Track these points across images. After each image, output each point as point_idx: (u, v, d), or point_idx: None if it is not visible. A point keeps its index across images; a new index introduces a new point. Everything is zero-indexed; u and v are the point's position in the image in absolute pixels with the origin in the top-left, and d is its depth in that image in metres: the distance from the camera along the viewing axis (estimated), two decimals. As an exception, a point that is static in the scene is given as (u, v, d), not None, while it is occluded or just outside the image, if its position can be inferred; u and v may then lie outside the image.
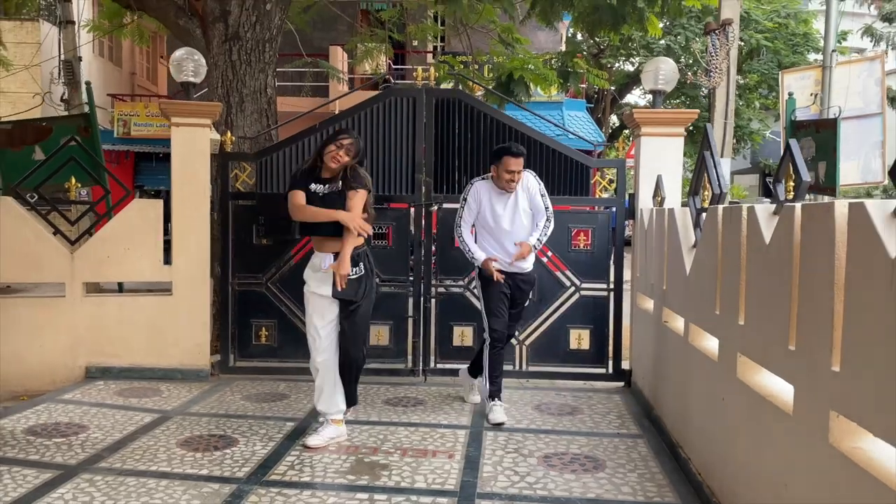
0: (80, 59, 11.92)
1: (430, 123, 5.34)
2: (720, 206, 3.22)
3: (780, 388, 2.53)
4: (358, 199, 3.86)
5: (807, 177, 2.46)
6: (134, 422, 4.24)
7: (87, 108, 8.31)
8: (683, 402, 3.78)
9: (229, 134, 5.51)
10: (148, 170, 14.04)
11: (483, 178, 4.53)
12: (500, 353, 4.47)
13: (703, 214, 3.67)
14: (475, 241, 4.49)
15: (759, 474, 2.61)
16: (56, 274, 5.08)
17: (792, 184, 2.54)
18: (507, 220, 4.40)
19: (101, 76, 15.18)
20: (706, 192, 3.70)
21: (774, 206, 2.65)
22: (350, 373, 3.99)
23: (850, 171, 7.02)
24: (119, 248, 5.13)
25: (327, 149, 3.87)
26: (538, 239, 4.45)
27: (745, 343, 2.80)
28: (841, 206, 2.02)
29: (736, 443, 2.89)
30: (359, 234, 3.83)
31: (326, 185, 3.90)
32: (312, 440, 3.87)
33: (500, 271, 4.38)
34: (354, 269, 3.84)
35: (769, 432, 2.52)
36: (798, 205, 2.33)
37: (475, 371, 4.67)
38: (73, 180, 5.27)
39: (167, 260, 5.24)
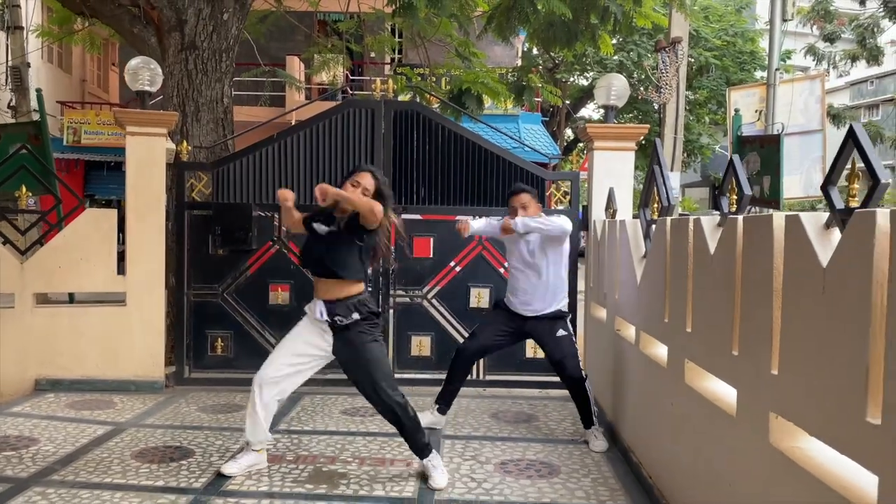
0: (28, 65, 11.67)
1: (389, 135, 5.40)
2: (668, 218, 3.35)
3: (724, 392, 2.64)
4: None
5: (748, 190, 2.59)
6: (86, 434, 4.17)
7: (36, 116, 8.14)
8: (635, 408, 3.90)
9: (185, 143, 5.48)
10: (98, 179, 13.74)
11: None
12: (460, 365, 4.44)
13: (653, 226, 3.80)
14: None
15: (706, 475, 2.71)
16: (5, 285, 4.97)
17: (735, 197, 2.67)
18: (520, 274, 4.28)
19: (51, 83, 14.84)
20: (656, 205, 3.83)
21: (719, 218, 2.77)
22: (395, 417, 3.53)
23: (793, 185, 7.31)
24: (72, 259, 5.05)
25: (343, 186, 3.44)
26: (524, 221, 4.14)
27: (692, 349, 2.92)
28: (778, 218, 2.14)
29: (684, 445, 3.00)
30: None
31: (329, 223, 3.50)
32: (229, 468, 3.56)
33: (510, 311, 4.33)
34: (344, 319, 3.43)
35: (715, 434, 2.63)
36: (740, 217, 2.45)
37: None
38: (24, 189, 5.16)
39: (121, 270, 5.18)
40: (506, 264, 5.38)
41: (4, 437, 4.08)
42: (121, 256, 5.21)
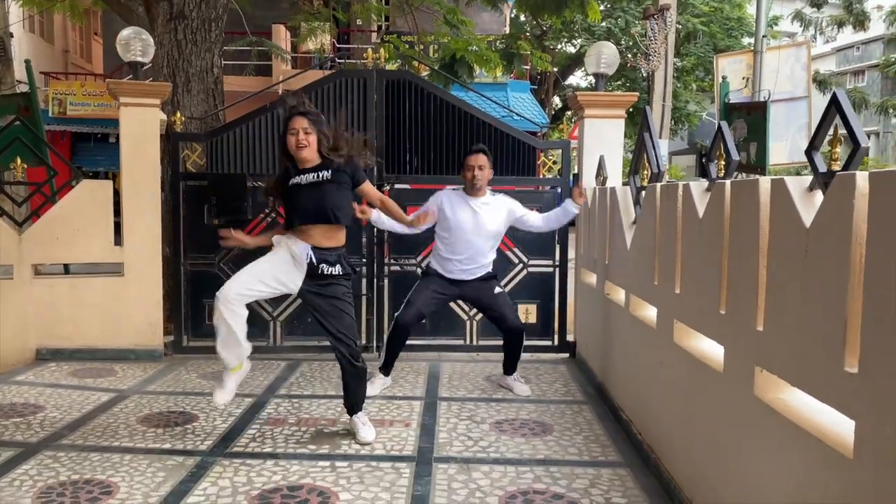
0: (11, 35, 11.52)
1: (381, 104, 5.44)
2: (658, 185, 3.44)
3: (712, 350, 2.77)
4: (369, 187, 3.71)
5: (736, 156, 2.69)
6: (91, 401, 4.27)
7: (22, 88, 8.09)
8: (625, 369, 4.04)
9: (178, 114, 5.50)
10: (85, 150, 13.65)
11: (455, 189, 4.61)
12: (398, 337, 4.53)
13: (643, 192, 3.90)
14: (436, 249, 4.56)
15: (693, 428, 2.85)
16: (3, 256, 5.01)
17: (723, 162, 2.76)
18: (468, 235, 4.40)
19: (33, 53, 14.64)
20: (645, 172, 3.93)
21: (707, 183, 2.87)
22: (353, 371, 3.63)
23: (779, 151, 7.42)
24: (69, 230, 5.09)
25: (288, 144, 3.49)
26: (548, 218, 4.68)
27: (681, 310, 3.03)
28: (764, 182, 2.24)
29: (672, 402, 3.13)
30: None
31: (310, 174, 3.51)
32: (221, 397, 3.61)
33: (445, 278, 4.47)
34: (331, 269, 3.53)
35: (702, 390, 2.76)
36: (728, 181, 2.55)
37: None
38: (19, 161, 5.18)
39: (118, 241, 5.23)
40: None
41: (11, 404, 4.17)
42: (116, 228, 5.26)
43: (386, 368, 4.62)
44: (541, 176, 5.60)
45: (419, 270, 5.54)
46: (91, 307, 5.19)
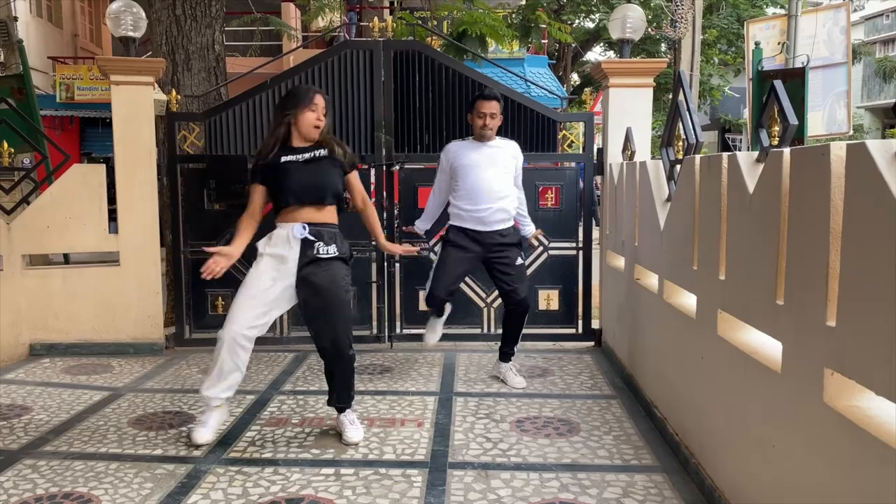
0: (15, 18, 11.26)
1: (389, 78, 5.07)
2: (697, 156, 3.06)
3: (765, 345, 2.40)
4: (357, 179, 3.49)
5: (794, 120, 2.30)
6: (82, 401, 3.99)
7: (36, 71, 7.82)
8: (658, 361, 3.68)
9: (174, 93, 5.17)
10: (94, 136, 13.40)
11: (461, 139, 4.26)
12: (436, 308, 4.30)
13: (678, 166, 3.51)
14: (453, 202, 4.20)
15: (743, 434, 2.49)
16: (-9, 246, 4.75)
17: (777, 129, 2.37)
18: (483, 172, 4.04)
19: (41, 38, 14.40)
20: (680, 143, 3.54)
21: (757, 153, 2.49)
22: (341, 363, 3.36)
23: (815, 122, 6.94)
24: (60, 217, 4.80)
25: (303, 117, 3.25)
26: (528, 220, 4.40)
27: (727, 298, 2.66)
28: (837, 149, 1.86)
29: (717, 402, 2.77)
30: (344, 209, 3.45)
31: (306, 153, 3.30)
32: (201, 436, 3.31)
33: (472, 234, 4.12)
34: (327, 249, 3.25)
35: (754, 391, 2.40)
36: (786, 150, 2.17)
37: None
38: (6, 145, 4.88)
39: (113, 229, 4.94)
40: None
41: (-4, 405, 3.91)
42: (112, 215, 4.97)
43: (437, 313, 4.35)
44: (561, 151, 5.21)
45: (432, 255, 5.20)
46: (86, 299, 4.91)
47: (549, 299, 5.21)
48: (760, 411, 2.35)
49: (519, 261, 4.21)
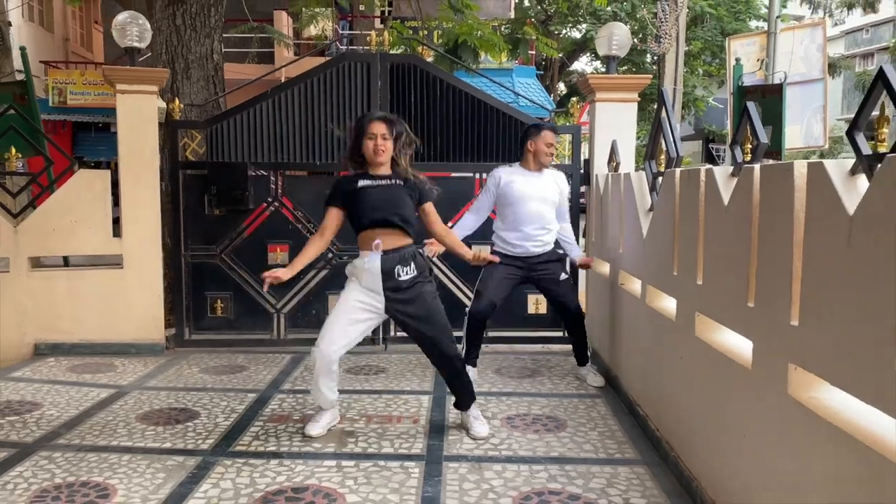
0: (9, 23, 11.34)
1: (386, 90, 5.27)
2: (678, 169, 3.28)
3: (738, 345, 2.62)
4: (432, 209, 3.56)
5: (765, 139, 2.52)
6: (89, 398, 4.14)
7: (20, 76, 7.91)
8: (640, 362, 3.89)
9: (177, 101, 5.34)
10: (87, 140, 13.51)
11: (508, 165, 4.49)
12: (475, 328, 4.46)
13: (660, 178, 3.74)
14: (498, 229, 4.45)
15: (717, 427, 2.71)
16: (-1, 248, 4.89)
17: (750, 146, 2.60)
18: (530, 204, 4.28)
19: (32, 42, 14.46)
20: (662, 156, 3.76)
21: (732, 168, 2.71)
22: (454, 368, 3.57)
23: (794, 135, 7.22)
24: (65, 221, 4.96)
25: (364, 146, 3.40)
26: (575, 245, 4.63)
27: (704, 302, 2.88)
28: (800, 166, 2.08)
29: (694, 398, 2.99)
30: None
31: (382, 180, 3.43)
32: (312, 429, 3.57)
33: (514, 256, 4.35)
34: (405, 269, 3.40)
35: (728, 387, 2.61)
36: (757, 166, 2.39)
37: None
38: (14, 150, 5.03)
39: (116, 233, 5.09)
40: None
41: (7, 402, 4.05)
42: (116, 219, 5.12)
43: (471, 359, 4.49)
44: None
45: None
46: (90, 300, 5.06)
47: (537, 304, 5.42)
48: (733, 405, 2.56)
49: (563, 276, 4.47)
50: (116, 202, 5.06)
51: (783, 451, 2.18)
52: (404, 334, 5.32)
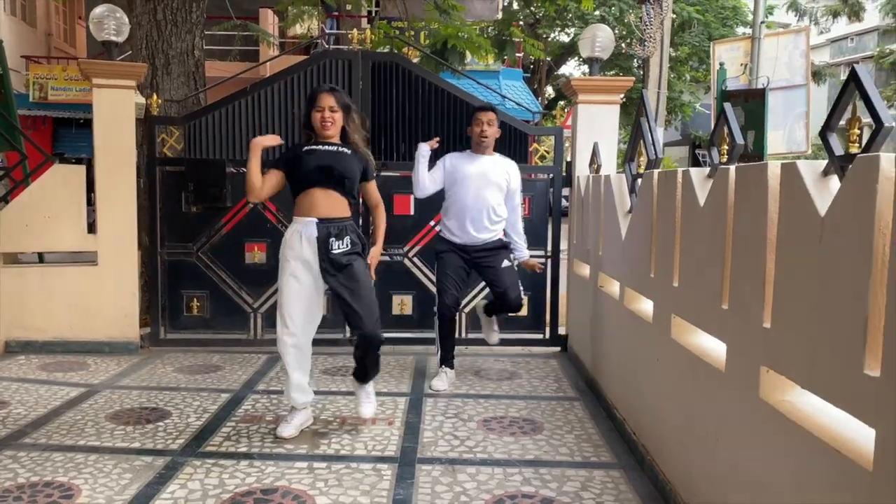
0: (-9, 17, 11.21)
1: (367, 88, 5.23)
2: (655, 171, 3.26)
3: (712, 347, 2.60)
4: (374, 187, 3.70)
5: (741, 140, 2.50)
6: (59, 396, 4.07)
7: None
8: (619, 364, 3.87)
9: (155, 97, 5.27)
10: (67, 136, 13.34)
11: (459, 151, 4.48)
12: (446, 327, 4.45)
13: (639, 180, 3.72)
14: (444, 217, 4.44)
15: (692, 430, 2.68)
16: (-31, 244, 4.80)
17: (726, 147, 2.58)
18: (474, 188, 4.28)
19: (14, 37, 14.30)
20: (641, 159, 3.75)
21: (709, 169, 2.69)
22: (372, 353, 3.55)
23: (776, 140, 7.25)
24: (39, 217, 4.87)
25: (312, 118, 3.50)
26: (523, 244, 4.57)
27: (680, 304, 2.86)
28: (773, 167, 2.06)
29: (669, 401, 2.96)
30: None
31: (330, 146, 3.51)
32: (284, 430, 3.51)
33: (458, 245, 4.36)
34: (339, 243, 3.43)
35: (702, 389, 2.59)
36: (732, 167, 2.37)
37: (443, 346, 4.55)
38: (-13, 145, 4.95)
39: (91, 229, 5.01)
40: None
41: (-27, 400, 3.97)
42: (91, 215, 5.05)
43: (447, 361, 4.48)
44: (532, 164, 5.40)
45: (405, 261, 5.36)
46: (63, 297, 4.97)
47: (517, 305, 5.38)
48: (707, 408, 2.54)
49: (506, 263, 4.43)
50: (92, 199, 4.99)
51: (755, 455, 2.16)
52: (384, 335, 5.32)
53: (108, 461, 3.17)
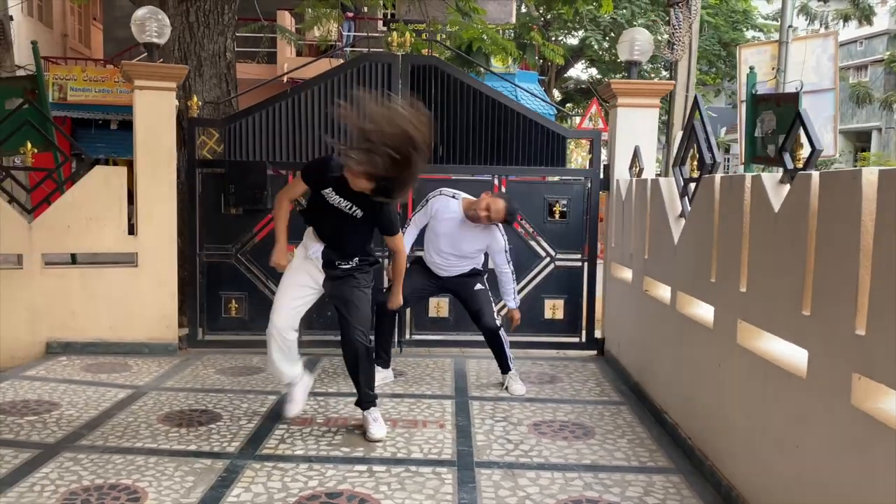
0: (11, 18, 11.23)
1: (406, 91, 5.23)
2: (717, 175, 3.26)
3: (788, 353, 2.59)
4: (394, 241, 3.62)
5: (820, 146, 2.50)
6: (107, 398, 4.07)
7: (22, 73, 7.82)
8: (670, 369, 3.86)
9: (195, 98, 5.28)
10: (86, 137, 13.31)
11: (454, 196, 4.37)
12: (383, 326, 4.46)
13: (691, 184, 3.72)
14: (425, 241, 4.44)
15: (763, 436, 2.67)
16: (13, 245, 4.80)
17: (803, 152, 2.58)
18: (453, 243, 4.28)
19: (32, 37, 14.29)
20: (694, 162, 3.74)
21: (782, 174, 2.69)
22: (359, 363, 3.55)
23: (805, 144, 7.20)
24: (81, 218, 4.88)
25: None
26: (514, 298, 4.55)
27: (747, 309, 2.85)
28: (869, 174, 2.05)
29: (734, 407, 2.95)
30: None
31: (345, 202, 3.34)
32: (292, 410, 3.72)
33: (430, 270, 4.43)
34: (344, 262, 3.50)
35: (777, 396, 2.58)
36: (815, 173, 2.36)
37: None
38: (29, 145, 4.95)
39: (132, 230, 5.02)
40: (528, 228, 5.32)
41: (24, 401, 3.97)
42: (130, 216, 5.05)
43: (383, 360, 4.47)
44: (569, 166, 5.40)
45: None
46: (103, 299, 4.98)
47: (554, 308, 5.39)
48: (783, 414, 2.53)
49: (478, 286, 4.44)
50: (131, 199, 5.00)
51: (844, 462, 2.15)
52: (419, 337, 5.35)
53: (167, 463, 3.17)
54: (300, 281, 3.57)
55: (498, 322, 4.48)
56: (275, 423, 3.74)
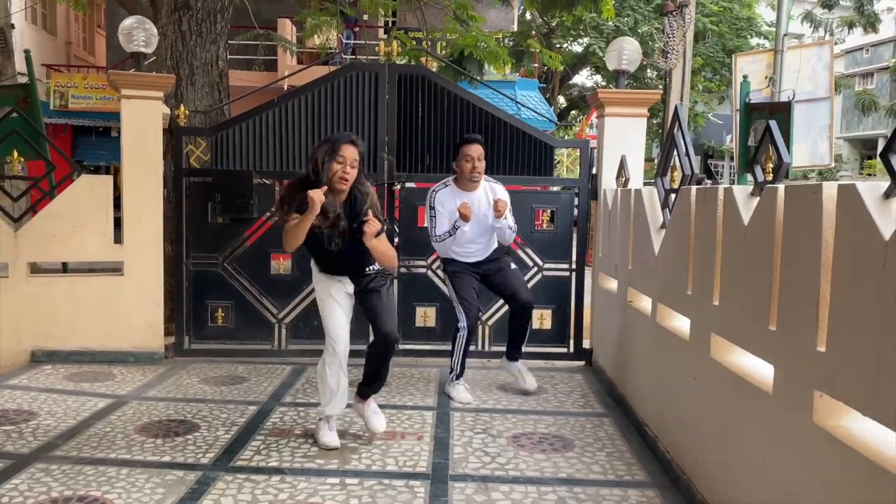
0: (12, 26, 11.32)
1: (393, 100, 5.23)
2: (693, 187, 3.23)
3: (757, 368, 2.56)
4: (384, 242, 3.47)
5: (788, 158, 2.48)
6: (87, 407, 4.06)
7: (23, 79, 7.86)
8: (650, 382, 3.83)
9: (182, 107, 5.29)
10: (87, 144, 13.44)
11: (444, 185, 4.38)
12: (470, 342, 4.46)
13: (672, 195, 3.69)
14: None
15: (734, 452, 2.64)
16: (-2, 254, 4.81)
17: (772, 165, 2.55)
18: (475, 220, 4.22)
19: (35, 45, 14.39)
20: (675, 173, 3.72)
21: (752, 187, 2.66)
22: (389, 353, 3.60)
23: (800, 153, 7.20)
24: (66, 227, 4.88)
25: (331, 169, 3.31)
26: (510, 226, 4.35)
27: (720, 323, 2.82)
28: (829, 189, 2.03)
29: (707, 421, 2.92)
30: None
31: (330, 216, 3.37)
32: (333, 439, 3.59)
33: (469, 263, 4.40)
34: (371, 267, 3.54)
35: (745, 411, 2.55)
36: (781, 186, 2.34)
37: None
38: (16, 154, 4.97)
39: (117, 239, 5.02)
40: (516, 238, 5.28)
41: (3, 410, 3.96)
42: (116, 224, 5.05)
43: (461, 376, 4.51)
44: (556, 176, 5.38)
45: (429, 272, 5.34)
46: (89, 307, 4.98)
47: (542, 318, 5.35)
48: (751, 430, 2.50)
49: (513, 265, 4.53)
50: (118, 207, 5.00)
51: (807, 481, 2.12)
52: (407, 347, 5.33)
53: (139, 475, 3.15)
54: (340, 301, 3.56)
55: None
56: (252, 434, 3.72)
